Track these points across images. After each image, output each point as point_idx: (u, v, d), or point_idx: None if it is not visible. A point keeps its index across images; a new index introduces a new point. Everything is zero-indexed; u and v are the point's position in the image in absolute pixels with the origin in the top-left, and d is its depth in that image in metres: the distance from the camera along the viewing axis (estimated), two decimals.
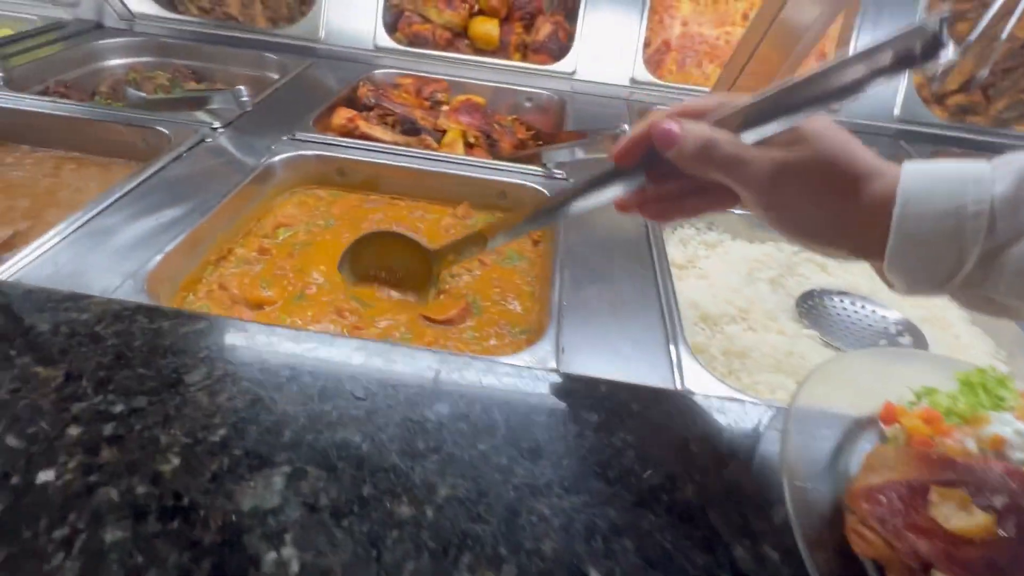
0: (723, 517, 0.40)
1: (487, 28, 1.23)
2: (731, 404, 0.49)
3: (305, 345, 0.49)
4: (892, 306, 0.73)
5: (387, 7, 1.24)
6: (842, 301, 0.74)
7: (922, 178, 0.35)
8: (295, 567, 0.33)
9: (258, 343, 0.49)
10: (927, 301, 0.77)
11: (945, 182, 0.35)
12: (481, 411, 0.45)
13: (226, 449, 0.39)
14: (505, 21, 1.27)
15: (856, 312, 0.73)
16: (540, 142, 1.03)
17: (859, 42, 1.18)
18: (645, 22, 1.20)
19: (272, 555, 0.34)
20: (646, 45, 1.25)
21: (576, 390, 0.49)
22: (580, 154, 0.81)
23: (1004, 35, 1.14)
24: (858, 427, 0.47)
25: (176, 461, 0.38)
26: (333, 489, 0.38)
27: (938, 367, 0.49)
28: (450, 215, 0.86)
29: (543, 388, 0.48)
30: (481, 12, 1.25)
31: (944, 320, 0.74)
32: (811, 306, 0.74)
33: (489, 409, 0.45)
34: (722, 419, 0.48)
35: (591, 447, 0.43)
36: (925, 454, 0.39)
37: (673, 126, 0.38)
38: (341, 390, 0.45)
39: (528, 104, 1.18)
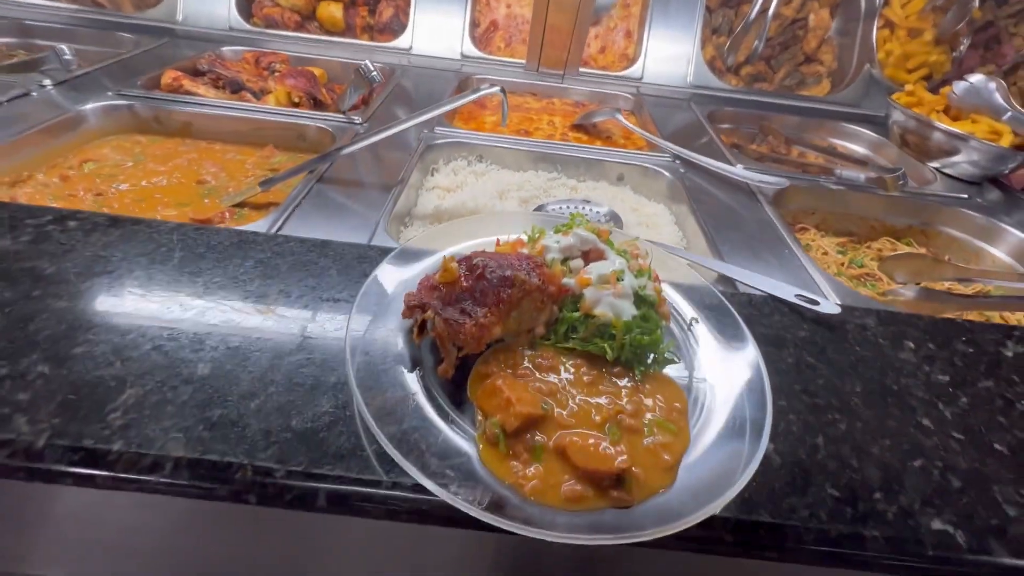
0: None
1: (331, 11, 1.37)
2: (372, 251, 0.63)
3: None
4: (604, 204, 0.88)
5: None
6: (566, 206, 0.89)
7: None
8: None
9: None
10: (646, 208, 0.93)
11: None
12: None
13: None
14: (352, 5, 1.41)
15: (577, 210, 0.88)
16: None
17: (653, 16, 1.37)
18: (470, 4, 1.36)
19: None
20: (476, 25, 1.42)
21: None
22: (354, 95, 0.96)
23: (770, 14, 1.35)
24: None
25: None
26: None
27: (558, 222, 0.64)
28: (257, 156, 0.98)
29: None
30: None
31: (656, 223, 0.90)
32: (546, 213, 0.88)
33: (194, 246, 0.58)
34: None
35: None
36: (480, 252, 0.53)
37: None
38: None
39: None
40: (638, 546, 0.36)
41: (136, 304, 0.51)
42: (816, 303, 0.61)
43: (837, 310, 0.61)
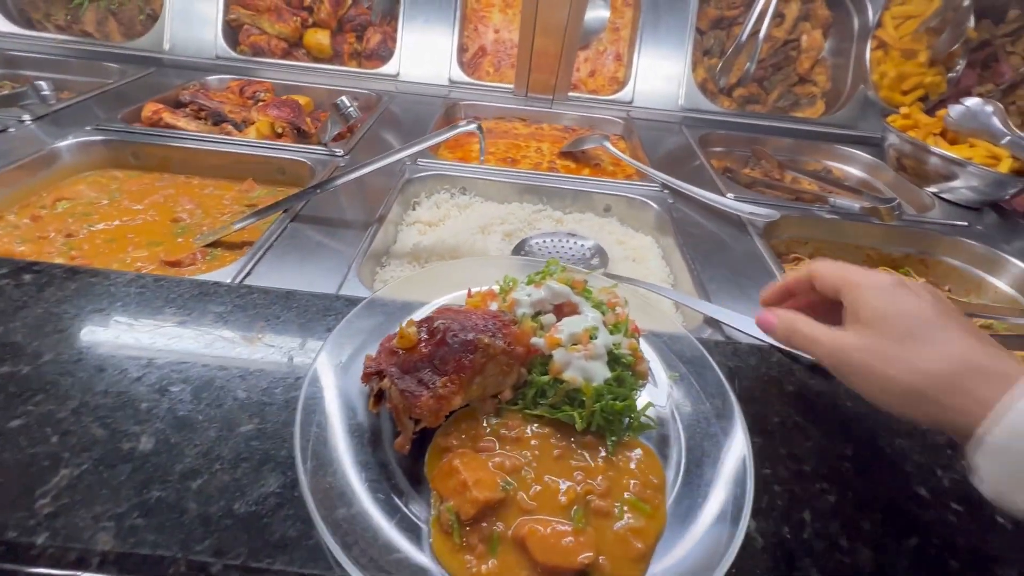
0: None
1: (319, 38, 1.36)
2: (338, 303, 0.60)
3: None
4: (591, 237, 0.86)
5: (227, 22, 1.37)
6: (549, 240, 0.86)
7: None
8: None
9: None
10: (633, 241, 0.91)
11: None
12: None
13: None
14: (339, 32, 1.40)
15: (562, 244, 0.85)
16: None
17: (643, 39, 1.36)
18: (457, 30, 1.35)
19: None
20: (464, 50, 1.41)
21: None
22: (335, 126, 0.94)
23: (762, 35, 1.33)
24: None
25: None
26: None
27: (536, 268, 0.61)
28: (235, 190, 0.96)
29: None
30: (315, 25, 1.38)
31: (642, 256, 0.87)
32: (528, 249, 0.86)
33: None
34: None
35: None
36: (444, 310, 0.50)
37: (771, 317, 0.49)
38: None
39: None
40: None
41: (83, 369, 0.48)
42: None
43: None
